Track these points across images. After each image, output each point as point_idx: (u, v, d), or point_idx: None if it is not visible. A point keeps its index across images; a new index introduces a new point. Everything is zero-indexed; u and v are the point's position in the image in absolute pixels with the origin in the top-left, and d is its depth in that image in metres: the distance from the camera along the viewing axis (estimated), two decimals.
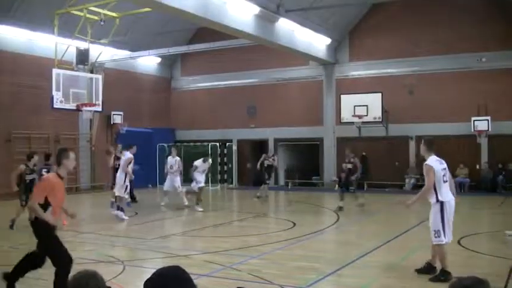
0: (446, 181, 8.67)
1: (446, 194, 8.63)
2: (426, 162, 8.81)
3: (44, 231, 7.26)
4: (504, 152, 24.92)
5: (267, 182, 23.34)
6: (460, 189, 25.19)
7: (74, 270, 5.30)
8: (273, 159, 23.37)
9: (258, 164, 23.13)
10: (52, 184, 7.33)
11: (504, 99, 25.19)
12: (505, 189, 24.58)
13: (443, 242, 8.61)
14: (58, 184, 7.38)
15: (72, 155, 7.61)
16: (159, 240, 12.88)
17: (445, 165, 8.78)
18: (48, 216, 7.14)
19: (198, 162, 19.68)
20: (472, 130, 25.07)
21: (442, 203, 8.57)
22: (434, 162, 8.74)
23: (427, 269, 8.88)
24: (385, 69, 27.84)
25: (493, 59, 25.58)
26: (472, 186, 25.25)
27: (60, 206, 7.54)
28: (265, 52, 28.55)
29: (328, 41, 27.70)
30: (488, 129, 24.89)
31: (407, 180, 26.75)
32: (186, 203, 19.47)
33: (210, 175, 24.23)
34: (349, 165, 18.72)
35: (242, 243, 12.13)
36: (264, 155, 23.44)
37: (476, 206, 20.01)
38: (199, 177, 19.34)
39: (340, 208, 18.39)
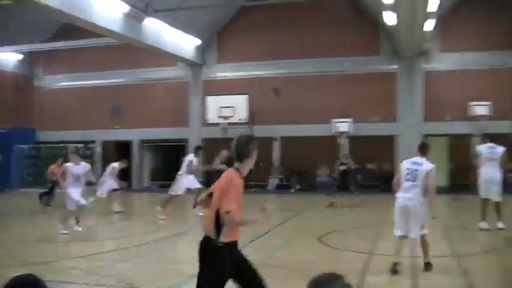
0: (409, 181, 8.60)
1: (400, 191, 8.74)
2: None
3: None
4: (363, 152, 26.12)
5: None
6: (322, 189, 26.12)
7: None
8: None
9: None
10: (235, 185, 5.10)
11: (365, 102, 26.62)
12: (360, 188, 25.73)
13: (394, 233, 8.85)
14: (239, 186, 5.15)
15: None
16: (17, 246, 12.26)
17: (416, 167, 8.62)
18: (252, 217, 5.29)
19: (191, 157, 16.90)
20: (334, 131, 26.12)
21: (396, 198, 8.83)
22: (406, 160, 8.92)
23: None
24: (252, 71, 28.34)
25: (356, 64, 26.92)
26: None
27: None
28: (132, 52, 28.08)
29: (196, 42, 27.77)
30: (349, 131, 26.04)
31: (270, 181, 27.31)
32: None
33: None
34: (344, 167, 19.31)
35: (106, 247, 11.84)
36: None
37: (335, 204, 20.82)
38: (185, 179, 16.57)
39: (332, 204, 19.07)
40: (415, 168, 8.61)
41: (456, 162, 25.08)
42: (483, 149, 13.45)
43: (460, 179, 24.33)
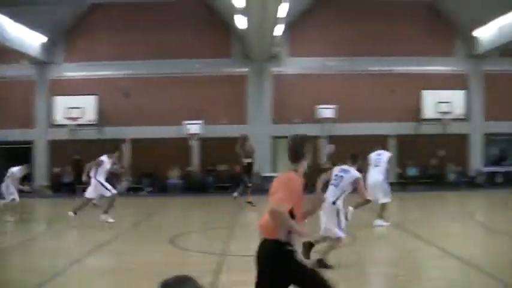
0: (332, 185, 9.40)
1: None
2: None
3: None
4: (215, 153, 26.39)
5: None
6: (172, 190, 26.02)
7: None
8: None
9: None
10: (295, 184, 4.90)
11: (216, 104, 26.91)
12: (215, 189, 26.04)
13: None
14: (299, 186, 4.93)
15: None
16: None
17: (342, 174, 9.46)
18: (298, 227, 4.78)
19: (104, 158, 15.77)
20: (185, 133, 26.12)
21: None
22: (338, 167, 9.71)
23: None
24: (101, 72, 27.54)
25: (207, 66, 27.16)
26: (185, 187, 26.24)
27: (301, 221, 5.01)
28: None
29: (42, 39, 26.59)
30: (200, 133, 26.17)
31: (122, 184, 26.72)
32: None
33: None
34: (249, 160, 19.23)
35: None
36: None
37: (186, 206, 20.88)
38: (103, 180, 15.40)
39: (235, 197, 19.07)
40: (341, 175, 9.48)
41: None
42: (372, 155, 14.53)
43: (309, 179, 25.17)
